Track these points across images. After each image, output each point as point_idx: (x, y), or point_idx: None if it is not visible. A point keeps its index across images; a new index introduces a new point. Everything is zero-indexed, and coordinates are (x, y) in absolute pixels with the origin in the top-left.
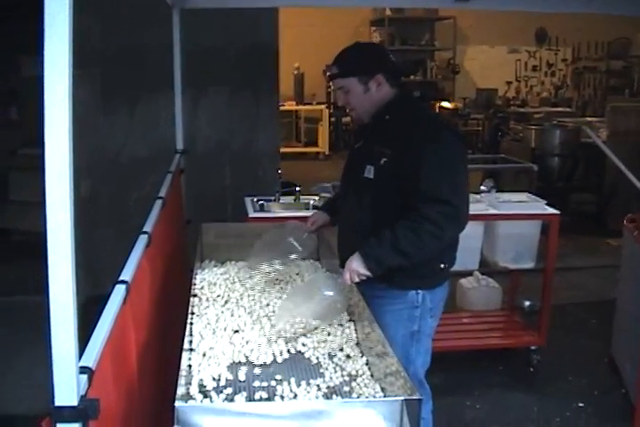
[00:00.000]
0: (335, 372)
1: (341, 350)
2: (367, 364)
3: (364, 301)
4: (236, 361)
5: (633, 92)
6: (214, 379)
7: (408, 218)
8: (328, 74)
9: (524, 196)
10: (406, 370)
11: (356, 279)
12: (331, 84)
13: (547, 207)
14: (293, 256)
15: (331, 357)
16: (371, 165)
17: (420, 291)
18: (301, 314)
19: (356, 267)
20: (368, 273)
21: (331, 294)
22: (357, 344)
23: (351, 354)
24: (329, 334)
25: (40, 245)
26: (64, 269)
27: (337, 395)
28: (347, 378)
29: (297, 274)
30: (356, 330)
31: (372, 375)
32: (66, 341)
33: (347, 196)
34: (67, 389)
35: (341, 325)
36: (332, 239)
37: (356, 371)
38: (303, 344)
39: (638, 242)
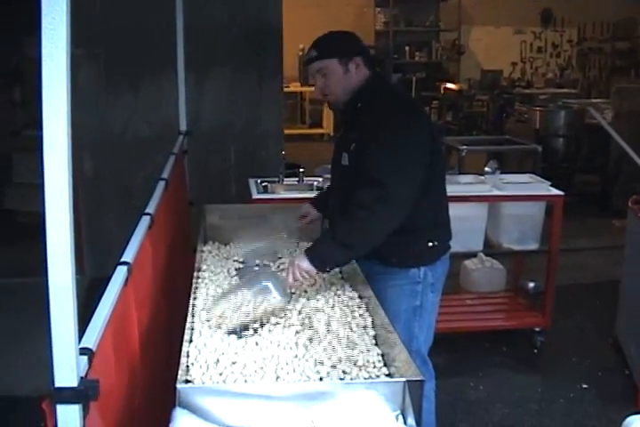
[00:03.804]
0: None
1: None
2: None
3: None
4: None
5: (638, 73)
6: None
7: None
8: (306, 59)
9: (528, 177)
10: (409, 346)
11: (298, 275)
12: (308, 70)
13: (551, 188)
14: None
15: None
16: (345, 153)
17: (421, 267)
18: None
19: (299, 262)
20: (311, 268)
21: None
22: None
23: None
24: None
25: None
26: (63, 250)
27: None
28: None
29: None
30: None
31: None
32: (65, 322)
33: (333, 184)
34: (67, 370)
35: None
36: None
37: None
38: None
39: None
